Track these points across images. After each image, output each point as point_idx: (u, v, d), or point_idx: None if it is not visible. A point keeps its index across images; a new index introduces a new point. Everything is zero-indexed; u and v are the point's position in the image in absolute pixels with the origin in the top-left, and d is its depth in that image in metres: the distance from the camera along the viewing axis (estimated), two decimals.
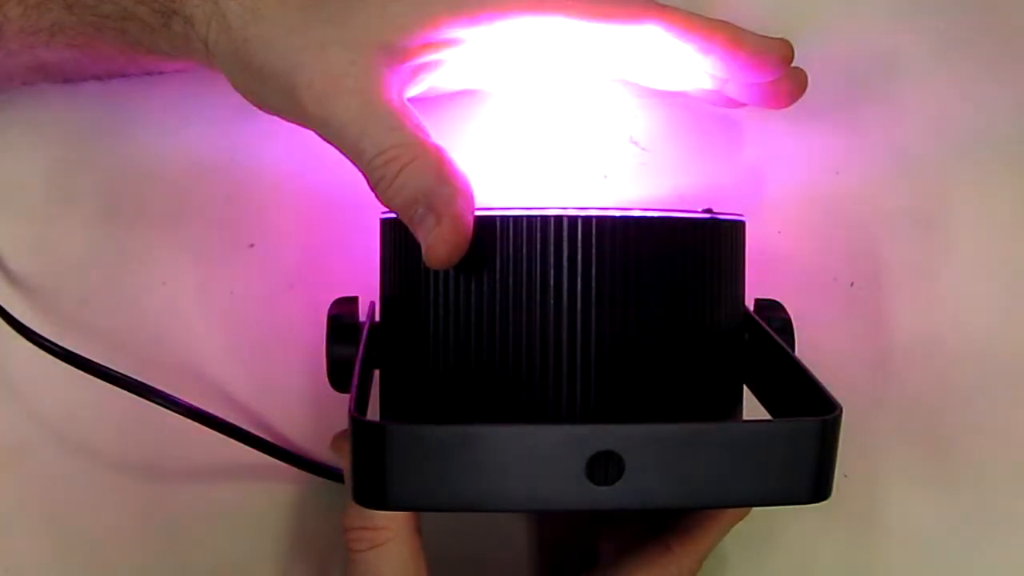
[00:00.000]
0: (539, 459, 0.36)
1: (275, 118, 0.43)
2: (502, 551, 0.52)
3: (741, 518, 0.46)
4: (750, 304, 0.45)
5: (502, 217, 0.39)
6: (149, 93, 0.50)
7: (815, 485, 0.38)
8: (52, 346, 0.47)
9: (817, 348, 0.45)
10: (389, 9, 0.41)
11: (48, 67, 0.47)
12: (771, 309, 0.45)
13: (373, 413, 0.43)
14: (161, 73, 0.49)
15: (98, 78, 0.49)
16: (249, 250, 0.51)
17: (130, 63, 0.47)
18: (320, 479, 0.50)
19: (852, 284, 0.52)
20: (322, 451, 0.51)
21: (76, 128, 0.50)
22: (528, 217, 0.39)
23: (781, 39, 0.43)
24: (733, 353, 0.42)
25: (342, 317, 0.44)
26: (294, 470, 0.50)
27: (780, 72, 0.43)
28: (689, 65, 0.44)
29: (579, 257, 0.39)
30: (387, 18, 0.41)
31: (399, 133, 0.39)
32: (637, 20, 0.42)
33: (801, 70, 0.44)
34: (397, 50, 0.41)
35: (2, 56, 0.45)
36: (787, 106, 0.45)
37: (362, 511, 0.42)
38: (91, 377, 0.47)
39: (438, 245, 0.38)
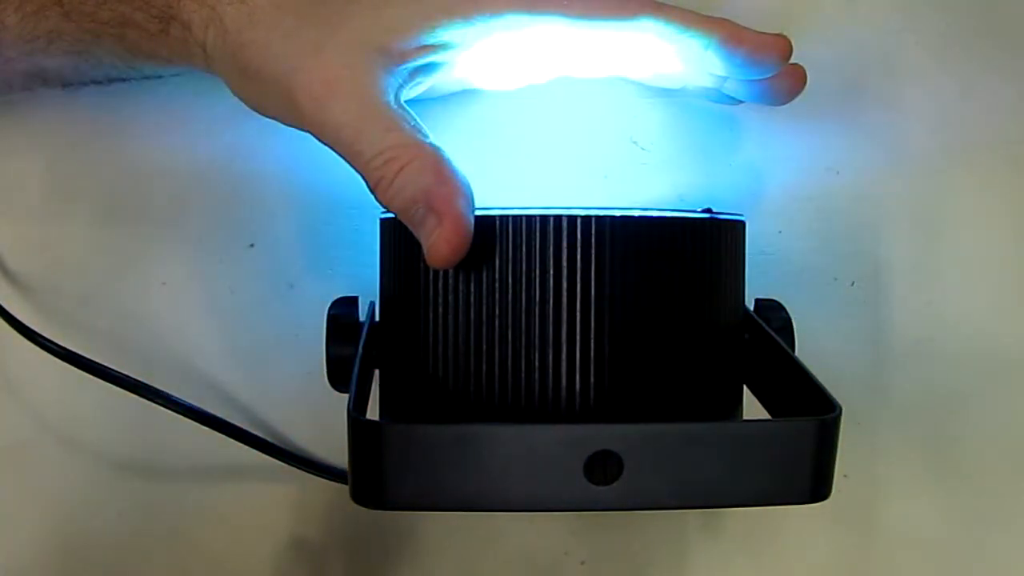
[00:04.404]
0: (537, 459, 0.36)
1: None
2: (500, 551, 0.52)
3: None
4: (750, 304, 0.45)
5: (502, 217, 0.39)
6: (149, 94, 0.50)
7: (815, 485, 0.38)
8: (52, 346, 0.47)
9: (817, 348, 0.45)
10: (384, 12, 0.41)
11: (47, 73, 0.47)
12: (771, 309, 0.45)
13: (372, 413, 0.43)
14: (160, 77, 0.49)
15: (97, 83, 0.49)
16: (249, 250, 0.51)
17: (129, 69, 0.47)
18: (320, 479, 0.50)
19: (852, 284, 0.52)
20: (322, 451, 0.51)
21: (76, 128, 0.50)
22: (528, 217, 0.39)
23: (779, 35, 0.43)
24: (733, 353, 0.42)
25: (341, 317, 0.44)
26: (294, 470, 0.50)
27: (779, 68, 0.43)
28: (688, 62, 0.44)
29: (579, 257, 0.39)
30: (382, 21, 0.41)
31: (396, 134, 0.39)
32: (634, 17, 0.42)
33: (800, 66, 0.44)
34: (393, 52, 0.41)
35: (0, 63, 0.45)
36: (786, 102, 0.45)
37: None
38: (91, 377, 0.47)
39: (440, 245, 0.38)
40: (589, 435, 0.36)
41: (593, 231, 0.39)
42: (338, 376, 0.43)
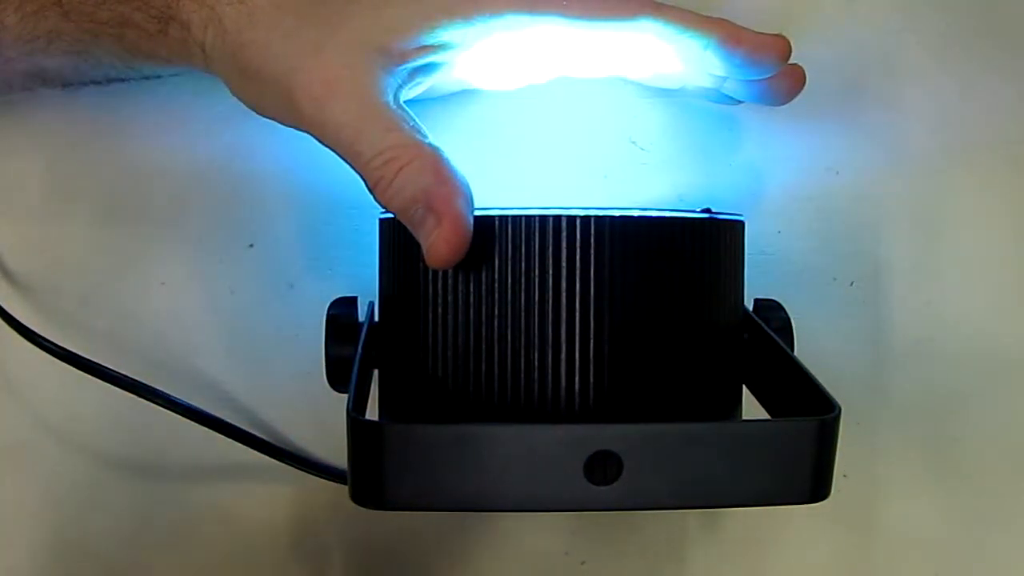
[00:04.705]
0: (537, 459, 0.36)
1: None
2: (500, 551, 0.52)
3: None
4: (750, 304, 0.45)
5: (501, 217, 0.39)
6: (149, 94, 0.50)
7: (814, 485, 0.38)
8: (52, 346, 0.47)
9: (817, 348, 0.45)
10: (384, 12, 0.41)
11: (46, 74, 0.47)
12: (771, 309, 0.45)
13: (372, 413, 0.43)
14: (159, 77, 0.49)
15: (97, 83, 0.49)
16: (249, 250, 0.51)
17: (128, 69, 0.47)
18: (320, 479, 0.50)
19: (852, 284, 0.52)
20: (322, 451, 0.51)
21: (77, 128, 0.50)
22: (527, 217, 0.39)
23: (778, 35, 0.43)
24: (732, 353, 0.42)
25: (341, 317, 0.44)
26: (294, 470, 0.50)
27: (778, 68, 0.43)
28: (687, 62, 0.44)
29: (578, 257, 0.39)
30: (382, 21, 0.41)
31: (396, 134, 0.39)
32: (634, 18, 0.42)
33: (799, 66, 0.44)
34: (393, 53, 0.41)
35: (0, 63, 0.45)
36: (786, 102, 0.45)
37: None
38: (91, 377, 0.47)
39: (439, 245, 0.38)
40: (589, 435, 0.36)
41: (593, 231, 0.39)
42: (338, 376, 0.43)
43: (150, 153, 0.50)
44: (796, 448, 0.37)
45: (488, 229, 0.39)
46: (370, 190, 0.40)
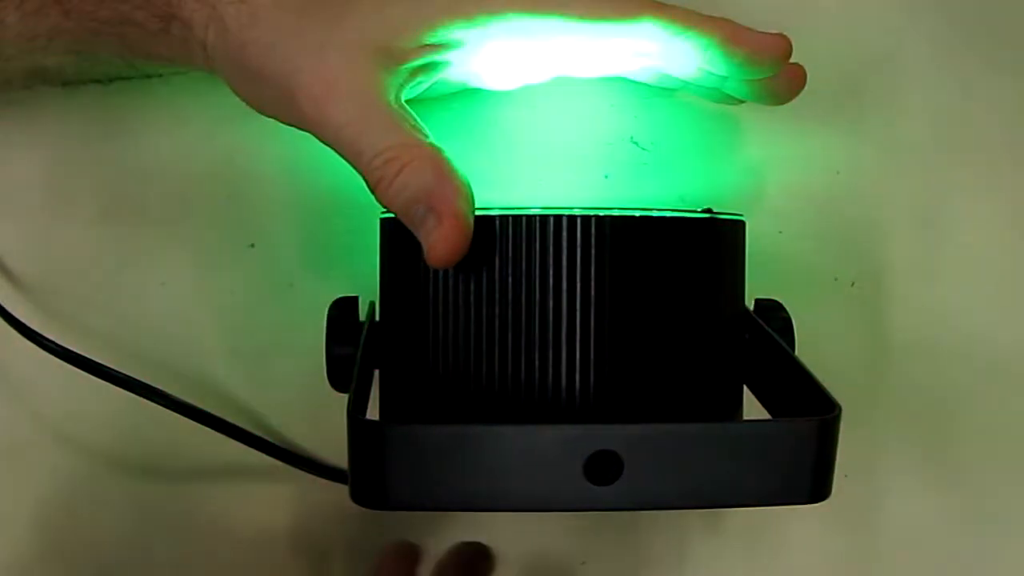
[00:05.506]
0: (538, 459, 0.36)
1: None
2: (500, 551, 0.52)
3: None
4: (750, 304, 0.45)
5: (502, 217, 0.39)
6: (150, 93, 0.50)
7: (815, 485, 0.38)
8: (52, 345, 0.47)
9: (817, 348, 0.45)
10: (385, 12, 0.41)
11: (47, 72, 0.47)
12: (771, 309, 0.45)
13: (373, 413, 0.43)
14: (160, 76, 0.49)
15: (97, 81, 0.49)
16: (249, 250, 0.51)
17: (129, 67, 0.47)
18: (320, 479, 0.50)
19: (853, 284, 0.52)
20: (322, 451, 0.51)
21: (77, 127, 0.50)
22: (528, 217, 0.39)
23: (779, 34, 0.43)
24: (733, 353, 0.42)
25: (342, 317, 0.44)
26: (294, 470, 0.50)
27: (779, 67, 0.43)
28: (688, 62, 0.44)
29: (579, 257, 0.39)
30: (384, 20, 0.41)
31: (397, 134, 0.39)
32: (634, 18, 0.42)
33: (800, 66, 0.44)
34: (394, 52, 0.41)
35: (0, 62, 0.45)
36: (787, 102, 0.45)
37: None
38: (91, 377, 0.47)
39: (439, 244, 0.38)
40: (589, 435, 0.36)
41: (593, 231, 0.39)
42: (338, 376, 0.43)
43: (150, 153, 0.50)
44: (797, 448, 0.37)
45: (489, 229, 0.39)
46: (371, 190, 0.40)
